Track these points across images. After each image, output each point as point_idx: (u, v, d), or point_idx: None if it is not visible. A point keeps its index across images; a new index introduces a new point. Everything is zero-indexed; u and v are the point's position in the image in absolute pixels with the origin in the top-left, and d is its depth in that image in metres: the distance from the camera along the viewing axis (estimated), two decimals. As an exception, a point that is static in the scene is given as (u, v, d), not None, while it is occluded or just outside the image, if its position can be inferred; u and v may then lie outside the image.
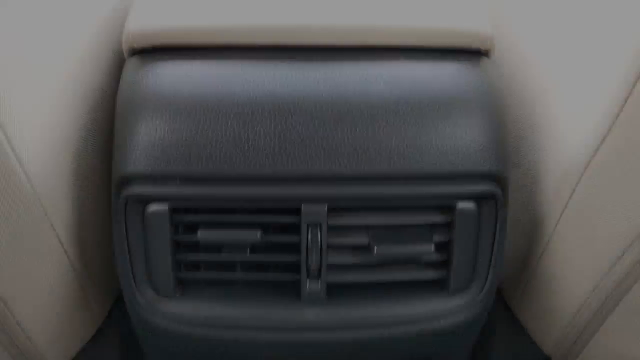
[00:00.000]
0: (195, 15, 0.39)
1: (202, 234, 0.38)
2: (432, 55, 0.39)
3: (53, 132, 0.37)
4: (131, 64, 0.40)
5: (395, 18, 0.39)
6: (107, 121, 0.43)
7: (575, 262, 0.39)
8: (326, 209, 0.37)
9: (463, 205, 0.38)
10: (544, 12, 0.42)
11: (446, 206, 0.39)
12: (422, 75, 0.38)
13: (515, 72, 0.45)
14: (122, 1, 0.48)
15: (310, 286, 0.39)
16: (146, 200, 0.37)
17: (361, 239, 0.39)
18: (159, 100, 0.37)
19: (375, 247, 0.38)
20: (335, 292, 0.40)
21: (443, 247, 0.40)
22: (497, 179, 0.38)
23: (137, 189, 0.37)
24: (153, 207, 0.37)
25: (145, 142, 0.37)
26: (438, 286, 0.41)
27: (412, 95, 0.37)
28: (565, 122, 0.38)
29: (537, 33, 0.43)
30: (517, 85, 0.45)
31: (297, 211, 0.38)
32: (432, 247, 0.38)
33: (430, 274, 0.41)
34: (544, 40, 0.41)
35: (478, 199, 0.38)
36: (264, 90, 0.37)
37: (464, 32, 0.39)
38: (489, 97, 0.39)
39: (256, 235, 0.37)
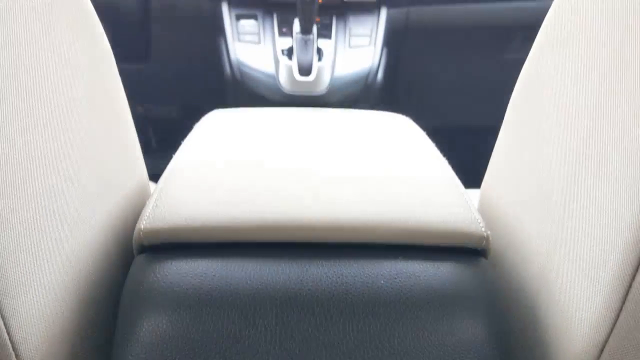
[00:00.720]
0: (204, 215, 0.41)
1: None
2: (430, 253, 0.41)
3: (53, 326, 0.37)
4: (139, 261, 0.41)
5: (393, 217, 0.41)
6: (107, 318, 0.44)
7: None
8: None
9: None
10: (537, 208, 0.44)
11: None
12: (420, 274, 0.39)
13: (513, 269, 0.47)
14: (138, 196, 0.50)
15: None
16: None
17: None
18: (163, 297, 0.38)
19: None
20: None
21: None
22: None
23: None
24: None
25: (146, 338, 0.37)
26: None
27: (412, 294, 0.38)
28: (568, 320, 0.38)
29: (531, 230, 0.44)
30: (516, 283, 0.46)
31: None
32: None
33: None
34: (540, 238, 0.43)
35: None
36: (267, 286, 0.38)
37: (461, 232, 0.41)
38: (488, 295, 0.40)
39: None
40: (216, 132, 0.55)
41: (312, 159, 0.48)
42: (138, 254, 0.42)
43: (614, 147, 0.35)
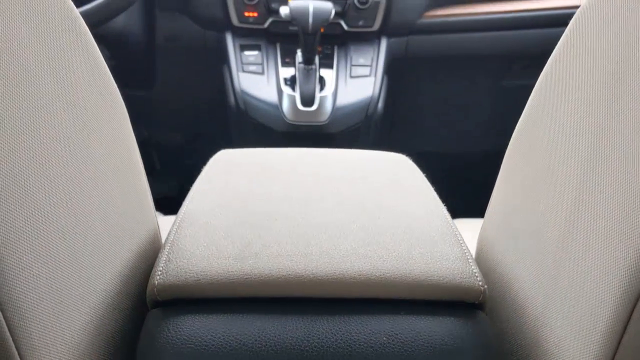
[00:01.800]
0: (215, 270, 0.42)
1: None
2: (429, 307, 0.43)
3: None
4: (153, 316, 0.42)
5: (395, 271, 0.42)
6: None
7: None
8: None
9: None
10: (532, 259, 0.45)
11: None
12: (420, 330, 0.41)
13: (510, 319, 0.48)
14: (149, 244, 0.51)
15: None
16: None
17: None
18: (177, 353, 0.39)
19: None
20: None
21: None
22: None
23: None
24: None
25: None
26: None
27: (412, 350, 0.40)
28: None
29: (526, 281, 0.46)
30: (512, 334, 0.47)
31: None
32: None
33: None
34: (534, 289, 0.44)
35: None
36: (276, 343, 0.39)
37: (459, 287, 0.42)
38: (486, 350, 0.41)
39: None
40: (224, 178, 0.56)
41: (317, 209, 0.49)
42: (152, 308, 0.43)
43: (605, 202, 0.36)
